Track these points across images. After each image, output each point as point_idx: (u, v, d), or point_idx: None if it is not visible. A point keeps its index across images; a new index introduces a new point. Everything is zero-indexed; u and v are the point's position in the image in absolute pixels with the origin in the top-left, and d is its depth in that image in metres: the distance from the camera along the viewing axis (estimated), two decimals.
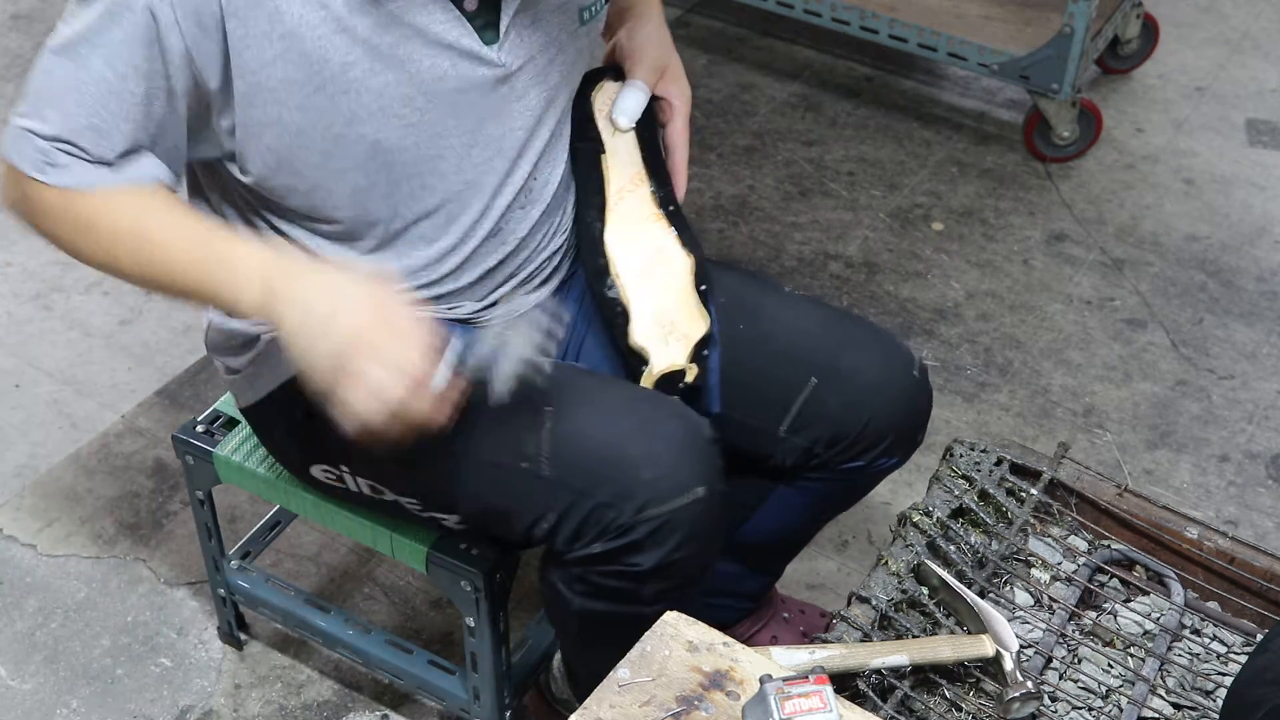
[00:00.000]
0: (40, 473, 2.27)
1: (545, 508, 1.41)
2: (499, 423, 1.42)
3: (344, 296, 1.27)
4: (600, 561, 1.41)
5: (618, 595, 1.43)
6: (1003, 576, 1.68)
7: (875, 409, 1.56)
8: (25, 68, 3.21)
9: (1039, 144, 2.99)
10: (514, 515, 1.44)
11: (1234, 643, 1.63)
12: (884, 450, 1.60)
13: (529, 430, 1.41)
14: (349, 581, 2.11)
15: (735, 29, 3.41)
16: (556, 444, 1.40)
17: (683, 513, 1.38)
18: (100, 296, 2.60)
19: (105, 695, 1.95)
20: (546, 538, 1.43)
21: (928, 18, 2.95)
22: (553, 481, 1.40)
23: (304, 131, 1.35)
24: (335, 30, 1.31)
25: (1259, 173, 2.97)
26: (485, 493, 1.45)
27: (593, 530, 1.39)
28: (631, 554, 1.39)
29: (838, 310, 1.65)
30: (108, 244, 1.34)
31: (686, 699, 1.21)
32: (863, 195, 2.90)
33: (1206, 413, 2.41)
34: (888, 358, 1.59)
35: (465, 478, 1.45)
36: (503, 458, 1.42)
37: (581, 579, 1.44)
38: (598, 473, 1.38)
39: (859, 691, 1.51)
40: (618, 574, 1.41)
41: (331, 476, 1.57)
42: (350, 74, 1.33)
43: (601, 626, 1.48)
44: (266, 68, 1.31)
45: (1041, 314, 2.62)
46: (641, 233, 1.58)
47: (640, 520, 1.37)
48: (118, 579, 2.11)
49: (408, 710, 1.94)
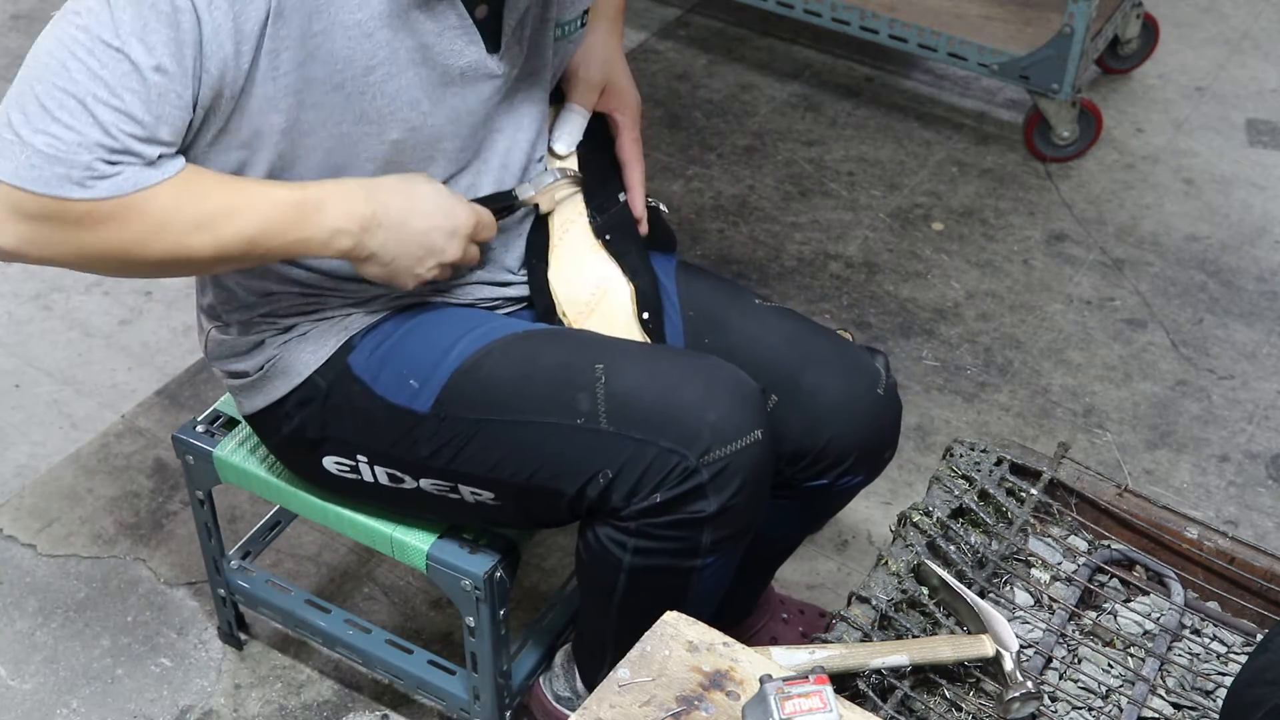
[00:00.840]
0: (40, 473, 2.27)
1: (605, 463, 1.41)
2: (549, 384, 1.44)
3: (419, 198, 1.41)
4: (660, 512, 1.41)
5: (675, 548, 1.44)
6: (1003, 576, 1.68)
7: (837, 427, 1.55)
8: None
9: (1039, 144, 2.99)
10: (565, 477, 1.44)
11: (1234, 643, 1.63)
12: (847, 469, 1.59)
13: (582, 388, 1.42)
14: (349, 581, 2.11)
15: (735, 29, 3.41)
16: (611, 398, 1.41)
17: (743, 455, 1.40)
18: (100, 296, 2.60)
19: (105, 695, 1.95)
20: (601, 496, 1.43)
21: (928, 18, 2.95)
22: (612, 434, 1.41)
23: (313, 130, 1.36)
24: (365, 35, 1.32)
25: (1259, 173, 2.97)
26: (535, 456, 1.45)
27: (654, 479, 1.40)
28: (694, 500, 1.40)
29: (807, 324, 1.63)
30: (179, 235, 1.30)
31: (686, 699, 1.21)
32: (863, 195, 2.90)
33: (1206, 413, 2.41)
34: (851, 375, 1.58)
35: (513, 445, 1.45)
36: (555, 418, 1.43)
37: (638, 533, 1.44)
38: (658, 420, 1.40)
39: (859, 691, 1.51)
40: (678, 524, 1.42)
41: (345, 468, 1.56)
42: (371, 77, 1.35)
43: (648, 587, 1.48)
44: (300, 68, 1.31)
45: (1041, 314, 2.62)
46: (584, 266, 1.58)
47: (704, 463, 1.39)
48: (118, 579, 2.11)
49: (408, 710, 1.94)
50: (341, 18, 1.31)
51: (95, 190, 1.25)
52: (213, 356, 1.61)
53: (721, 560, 1.48)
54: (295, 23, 1.28)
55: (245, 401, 1.60)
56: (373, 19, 1.32)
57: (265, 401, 1.57)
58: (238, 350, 1.57)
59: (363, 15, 1.31)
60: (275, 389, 1.55)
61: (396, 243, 1.40)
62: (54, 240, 1.28)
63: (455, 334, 1.50)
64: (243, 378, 1.58)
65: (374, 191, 1.38)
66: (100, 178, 1.25)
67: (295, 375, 1.53)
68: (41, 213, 1.26)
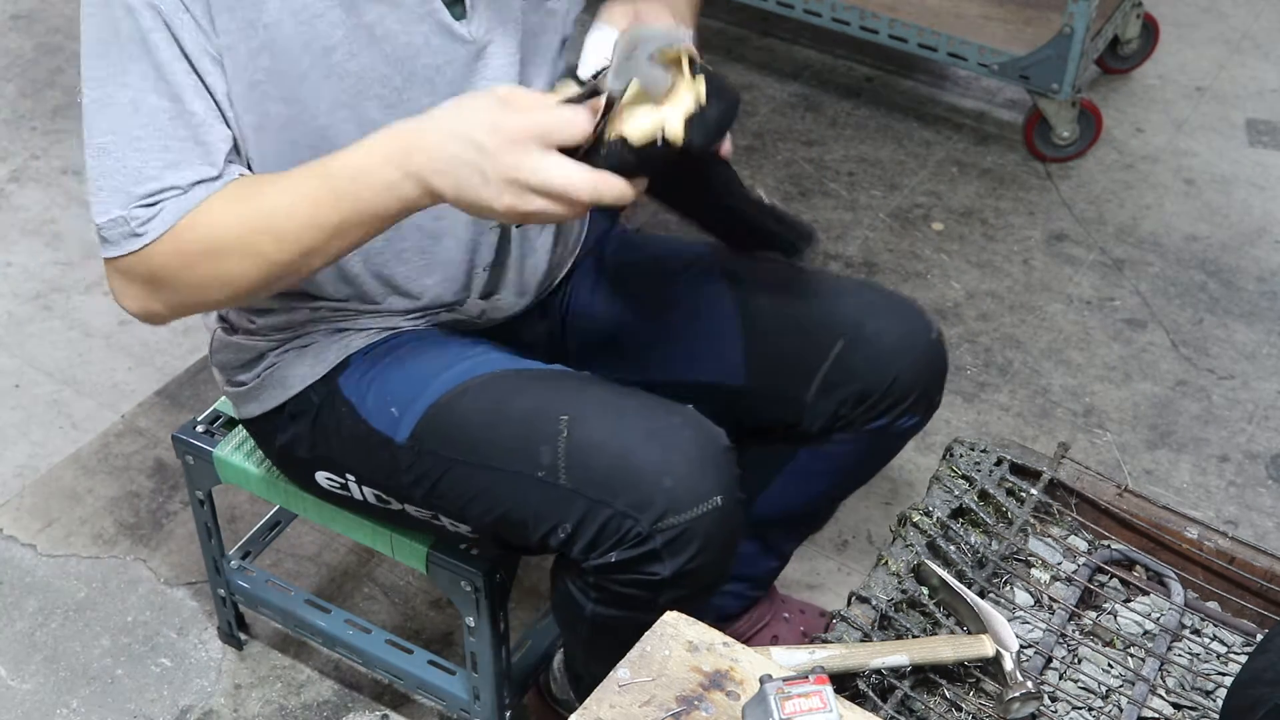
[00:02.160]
0: (40, 473, 2.27)
1: (561, 517, 1.40)
2: (514, 433, 1.42)
3: (473, 125, 1.23)
4: (617, 570, 1.40)
5: (633, 603, 1.42)
6: (1003, 576, 1.68)
7: (900, 368, 1.59)
8: (25, 67, 3.21)
9: (1039, 144, 2.99)
10: (528, 524, 1.43)
11: (1234, 643, 1.63)
12: (907, 408, 1.62)
13: (545, 440, 1.40)
14: (349, 581, 2.11)
15: (735, 29, 3.41)
16: (572, 453, 1.39)
17: (700, 522, 1.37)
18: (100, 296, 2.60)
19: (105, 695, 1.95)
20: (562, 546, 1.43)
21: (928, 18, 2.95)
22: (569, 491, 1.39)
23: (290, 124, 1.35)
24: (316, 15, 1.31)
25: (1259, 173, 2.97)
26: (500, 502, 1.44)
27: (609, 539, 1.38)
28: (649, 563, 1.38)
29: (856, 280, 1.69)
30: (243, 252, 1.31)
31: (686, 699, 1.21)
32: (863, 195, 2.90)
33: (1206, 413, 2.41)
34: (908, 322, 1.62)
35: (479, 488, 1.45)
36: (518, 467, 1.42)
37: (597, 586, 1.43)
38: (615, 482, 1.37)
39: (859, 691, 1.51)
40: (634, 582, 1.40)
41: (336, 484, 1.57)
42: (332, 58, 1.33)
43: (613, 632, 1.47)
44: (255, 58, 1.30)
45: (1041, 314, 2.62)
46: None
47: (658, 529, 1.36)
48: (118, 579, 2.11)
49: (408, 710, 1.94)
50: (289, 3, 1.29)
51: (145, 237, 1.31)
52: (218, 363, 1.61)
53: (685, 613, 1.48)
54: (240, 12, 1.28)
55: (240, 407, 1.61)
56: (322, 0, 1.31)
57: (259, 409, 1.57)
58: (240, 356, 1.57)
59: None
60: (269, 398, 1.55)
61: (447, 158, 1.23)
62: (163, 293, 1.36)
63: (439, 366, 1.49)
64: (239, 385, 1.58)
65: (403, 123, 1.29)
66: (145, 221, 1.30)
67: (288, 388, 1.53)
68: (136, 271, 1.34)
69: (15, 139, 3.00)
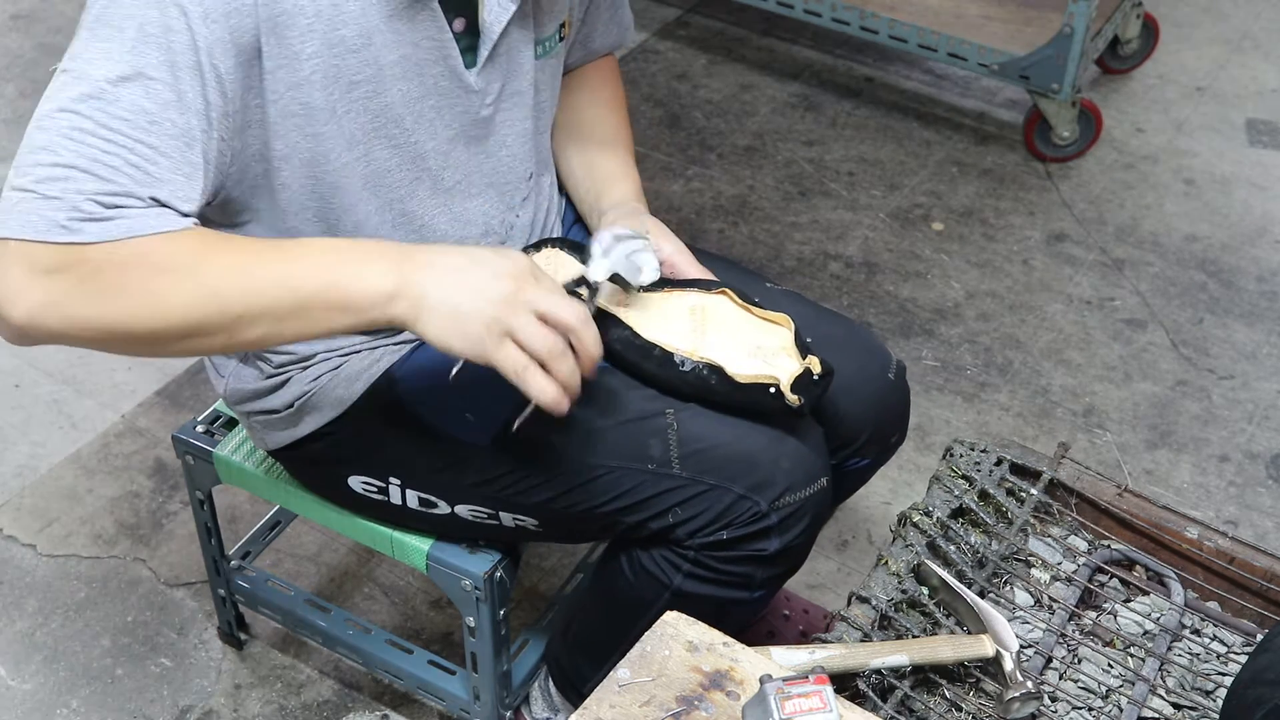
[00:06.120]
0: (40, 473, 2.27)
1: (673, 502, 1.43)
2: (619, 429, 1.44)
3: (476, 261, 1.24)
4: (725, 547, 1.44)
5: (730, 580, 1.46)
6: (1003, 576, 1.68)
7: (847, 408, 1.58)
8: (25, 67, 3.21)
9: (1039, 144, 2.99)
10: (633, 511, 1.45)
11: (1234, 643, 1.63)
12: (856, 450, 1.62)
13: (653, 434, 1.43)
14: (349, 581, 2.11)
15: (735, 29, 3.41)
16: (684, 444, 1.43)
17: (811, 500, 1.45)
18: None
19: (105, 695, 1.95)
20: (666, 529, 1.45)
21: (928, 18, 2.95)
22: (686, 479, 1.43)
23: (312, 161, 1.35)
24: (352, 50, 1.32)
25: (1259, 173, 2.97)
26: (604, 494, 1.46)
27: (724, 519, 1.42)
28: (759, 540, 1.44)
29: (817, 308, 1.65)
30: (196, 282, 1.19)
31: (686, 699, 1.21)
32: (863, 195, 2.90)
33: (1206, 413, 2.41)
34: (862, 357, 1.60)
35: (575, 483, 1.46)
36: (625, 462, 1.44)
37: (695, 561, 1.46)
38: (733, 466, 1.42)
39: (859, 691, 1.51)
40: (739, 559, 1.45)
41: (373, 489, 1.55)
42: (355, 93, 1.34)
43: (687, 610, 1.47)
44: (294, 90, 1.30)
45: (1041, 314, 2.62)
46: (664, 311, 1.50)
47: (775, 508, 1.42)
48: (118, 579, 2.11)
49: (408, 710, 1.94)
50: (328, 37, 1.30)
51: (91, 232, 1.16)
52: (234, 400, 1.57)
53: (764, 596, 1.51)
54: (288, 43, 1.27)
55: (269, 437, 1.57)
56: (358, 35, 1.31)
57: (292, 437, 1.55)
58: (261, 390, 1.54)
59: (348, 31, 1.30)
60: (308, 424, 1.53)
61: (451, 284, 1.23)
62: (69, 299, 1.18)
63: None
64: (270, 414, 1.55)
65: (409, 246, 1.27)
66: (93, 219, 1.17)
67: (331, 409, 1.51)
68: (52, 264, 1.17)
69: (15, 139, 3.00)
